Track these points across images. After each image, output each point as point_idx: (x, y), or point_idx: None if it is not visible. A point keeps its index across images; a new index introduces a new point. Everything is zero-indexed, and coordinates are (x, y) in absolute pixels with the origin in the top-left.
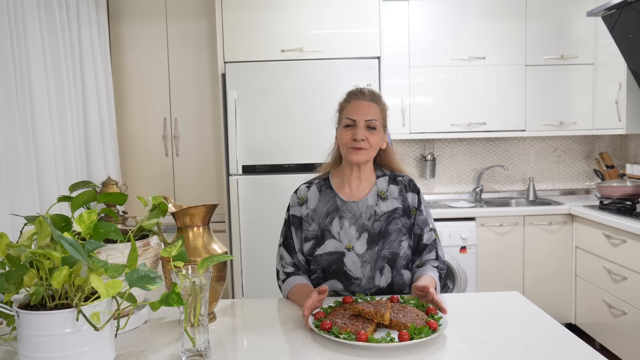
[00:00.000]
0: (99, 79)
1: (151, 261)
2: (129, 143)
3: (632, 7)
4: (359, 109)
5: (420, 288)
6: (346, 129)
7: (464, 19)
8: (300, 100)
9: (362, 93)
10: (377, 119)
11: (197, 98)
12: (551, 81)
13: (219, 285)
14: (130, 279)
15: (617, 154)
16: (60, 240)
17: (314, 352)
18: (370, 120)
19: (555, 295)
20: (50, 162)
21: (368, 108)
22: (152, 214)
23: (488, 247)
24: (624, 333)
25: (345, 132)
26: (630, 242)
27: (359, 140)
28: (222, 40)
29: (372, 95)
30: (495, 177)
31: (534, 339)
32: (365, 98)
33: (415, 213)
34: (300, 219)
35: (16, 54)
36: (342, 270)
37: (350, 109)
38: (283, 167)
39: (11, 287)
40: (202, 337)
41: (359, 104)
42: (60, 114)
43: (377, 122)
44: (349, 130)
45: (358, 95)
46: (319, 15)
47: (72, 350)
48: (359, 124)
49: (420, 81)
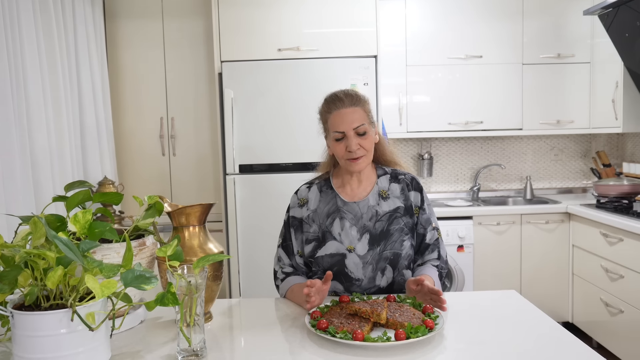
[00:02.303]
0: (95, 78)
1: (147, 261)
2: (125, 143)
3: (629, 6)
4: (342, 118)
5: (414, 281)
6: (337, 142)
7: (460, 17)
8: (297, 99)
9: (340, 100)
10: (364, 122)
11: (193, 97)
12: (548, 80)
13: (215, 285)
14: (126, 278)
15: (614, 153)
16: (54, 240)
17: (311, 352)
18: (358, 127)
19: (552, 293)
20: (46, 162)
21: (352, 114)
22: (148, 213)
23: (485, 245)
24: (621, 331)
25: (337, 145)
26: (627, 240)
27: (354, 151)
28: (219, 39)
29: (350, 99)
30: (493, 175)
31: (531, 338)
32: (345, 104)
33: (418, 212)
34: (301, 221)
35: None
36: (343, 272)
37: (334, 121)
38: (280, 166)
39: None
40: (198, 337)
41: (341, 113)
42: (56, 113)
43: (365, 125)
44: (341, 143)
45: (337, 103)
46: (316, 14)
47: (67, 351)
48: (349, 134)
49: (417, 80)
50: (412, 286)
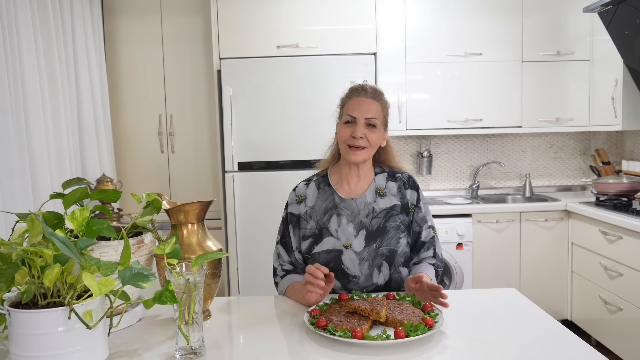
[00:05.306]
0: (93, 75)
1: (145, 258)
2: (124, 140)
3: (628, 3)
4: (359, 105)
5: (412, 279)
6: (346, 125)
7: (460, 15)
8: (296, 96)
9: (364, 89)
10: (378, 117)
11: (192, 94)
12: (547, 77)
13: (214, 283)
14: (124, 276)
15: (613, 151)
16: (51, 237)
17: (310, 350)
18: (371, 119)
19: (551, 291)
20: (44, 159)
21: (369, 105)
22: (146, 211)
23: (484, 243)
24: (619, 329)
25: (344, 128)
26: (626, 238)
27: (357, 138)
28: (218, 36)
29: (373, 92)
30: (492, 173)
31: (530, 336)
32: (367, 95)
33: (414, 210)
34: (299, 217)
35: (9, 50)
36: (339, 268)
37: (350, 106)
38: (279, 163)
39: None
40: (197, 335)
41: (360, 101)
42: (54, 110)
43: (377, 120)
44: (348, 127)
45: (360, 91)
46: (315, 11)
47: (65, 349)
48: (359, 121)
49: (416, 77)
50: (411, 284)
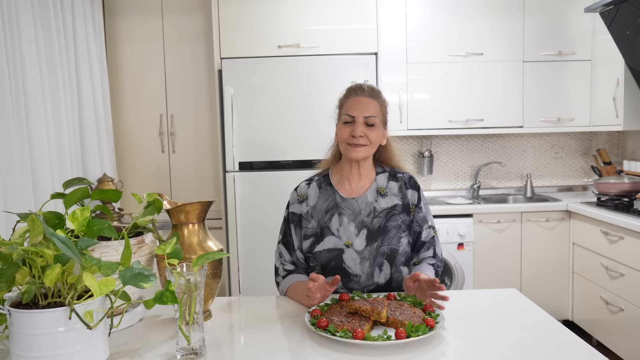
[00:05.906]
0: (94, 74)
1: (146, 259)
2: (124, 140)
3: (630, 3)
4: (357, 105)
5: (409, 278)
6: (345, 125)
7: (461, 14)
8: (297, 96)
9: (362, 89)
10: (376, 116)
11: (193, 94)
12: (549, 77)
13: (215, 283)
14: (124, 276)
15: (615, 151)
16: (52, 237)
17: (311, 350)
18: (369, 117)
19: (552, 292)
20: (45, 159)
21: (367, 104)
22: (147, 211)
23: (485, 243)
24: (621, 329)
25: (343, 128)
26: (628, 238)
27: (357, 137)
28: (219, 35)
29: (371, 91)
30: (493, 173)
31: (531, 336)
32: (365, 94)
33: (414, 210)
34: (300, 217)
35: (10, 49)
36: (341, 267)
37: (349, 105)
38: (280, 163)
39: (3, 285)
40: (197, 335)
41: (358, 100)
42: (55, 110)
43: (376, 119)
44: (347, 127)
45: (357, 91)
46: (316, 11)
47: (65, 349)
48: (358, 120)
49: (417, 77)
50: (409, 283)
